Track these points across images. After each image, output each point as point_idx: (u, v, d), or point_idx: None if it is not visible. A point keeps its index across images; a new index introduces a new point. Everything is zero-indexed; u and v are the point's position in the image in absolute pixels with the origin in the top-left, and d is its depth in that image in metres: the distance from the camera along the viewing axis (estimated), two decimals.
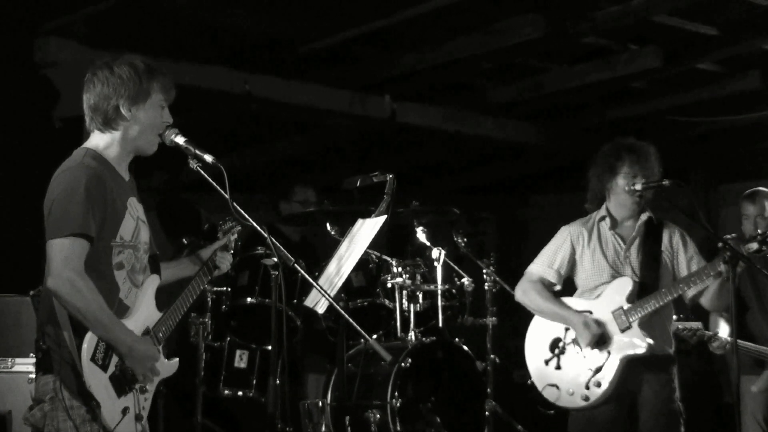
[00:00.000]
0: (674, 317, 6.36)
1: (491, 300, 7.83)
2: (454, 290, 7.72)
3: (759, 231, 6.95)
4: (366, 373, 7.20)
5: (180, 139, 4.54)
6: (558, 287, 6.23)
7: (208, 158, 4.55)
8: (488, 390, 7.60)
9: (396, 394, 6.99)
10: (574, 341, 6.04)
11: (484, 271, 7.87)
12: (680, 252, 6.09)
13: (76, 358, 4.14)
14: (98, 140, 4.40)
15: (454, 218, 8.22)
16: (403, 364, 7.06)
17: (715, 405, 8.20)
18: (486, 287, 7.84)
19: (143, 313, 4.45)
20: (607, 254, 6.06)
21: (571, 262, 6.16)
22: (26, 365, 6.00)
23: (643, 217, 6.09)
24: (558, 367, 6.09)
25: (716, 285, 5.89)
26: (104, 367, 4.22)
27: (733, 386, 5.75)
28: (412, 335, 7.34)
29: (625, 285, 5.96)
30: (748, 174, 11.37)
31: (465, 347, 7.45)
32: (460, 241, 7.99)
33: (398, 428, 6.97)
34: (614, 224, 6.13)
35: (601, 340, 5.92)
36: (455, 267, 7.82)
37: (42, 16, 7.52)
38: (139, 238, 4.44)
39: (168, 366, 4.62)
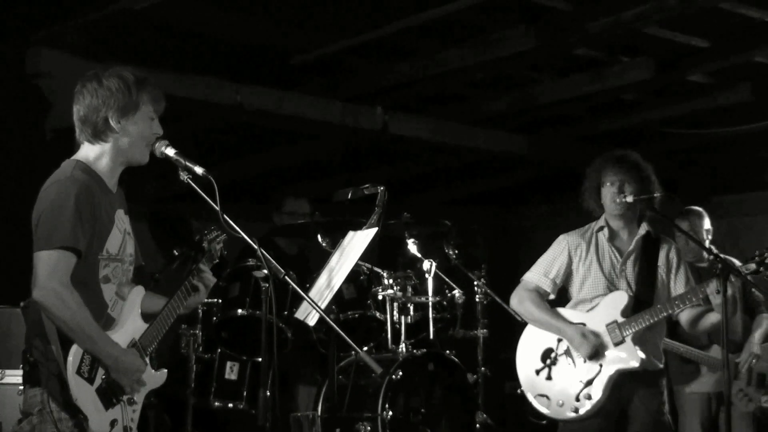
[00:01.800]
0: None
1: (482, 312, 7.83)
2: (445, 302, 7.72)
3: (698, 252, 7.14)
4: (357, 385, 7.19)
5: (170, 151, 4.53)
6: (552, 296, 6.20)
7: (199, 170, 4.54)
8: (479, 402, 7.59)
9: (387, 406, 6.99)
10: (567, 352, 6.02)
11: (475, 282, 7.87)
12: (674, 269, 6.08)
13: (62, 371, 4.13)
14: (88, 152, 4.40)
15: (445, 230, 8.22)
16: (393, 376, 7.06)
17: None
18: (477, 299, 7.84)
19: (129, 325, 4.44)
20: (604, 267, 6.03)
21: (567, 272, 6.13)
22: (16, 377, 5.96)
23: (642, 231, 6.07)
24: (549, 378, 6.07)
25: (700, 309, 5.92)
26: (90, 380, 4.20)
27: (725, 396, 5.76)
28: (402, 347, 7.33)
29: (620, 299, 5.94)
30: (740, 186, 11.41)
31: (456, 359, 7.44)
32: (451, 252, 7.98)
33: None
34: (612, 236, 6.10)
35: (594, 353, 5.91)
36: (446, 279, 7.82)
37: (33, 26, 7.51)
38: (125, 251, 4.43)
39: (156, 377, 4.60)
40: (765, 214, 11.34)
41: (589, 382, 5.90)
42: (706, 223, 7.71)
